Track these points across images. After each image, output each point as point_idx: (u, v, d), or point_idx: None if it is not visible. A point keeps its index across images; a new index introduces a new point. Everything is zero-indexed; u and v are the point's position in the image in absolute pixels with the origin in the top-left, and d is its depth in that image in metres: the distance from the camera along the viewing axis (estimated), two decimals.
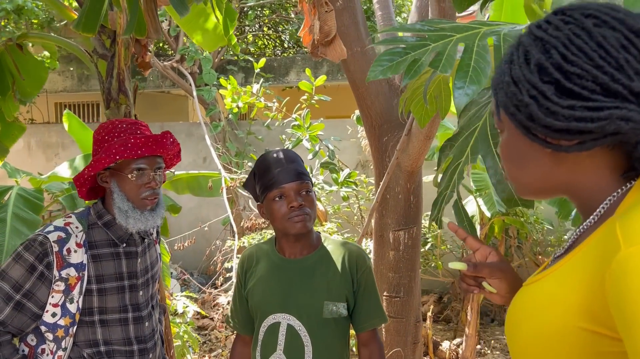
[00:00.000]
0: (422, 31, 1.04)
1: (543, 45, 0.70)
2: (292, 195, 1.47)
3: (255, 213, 5.12)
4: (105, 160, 1.49)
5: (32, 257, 1.44)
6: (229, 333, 4.95)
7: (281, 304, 1.50)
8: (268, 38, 9.72)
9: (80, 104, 10.07)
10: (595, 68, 0.66)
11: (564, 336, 0.66)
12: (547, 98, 0.68)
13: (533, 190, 0.80)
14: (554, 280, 0.71)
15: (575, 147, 0.69)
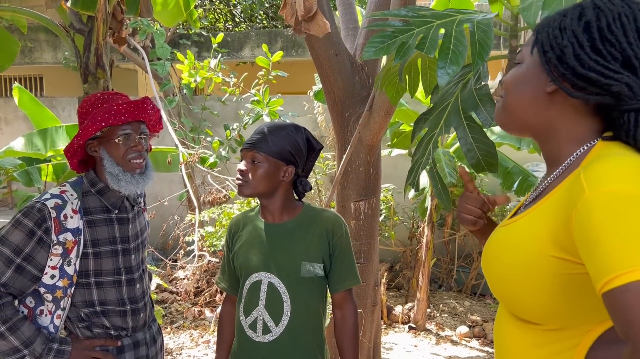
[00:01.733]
0: (407, 17, 1.18)
1: (597, 12, 0.85)
2: (243, 160, 1.63)
3: (215, 187, 5.17)
4: (92, 128, 1.56)
5: (30, 223, 1.51)
6: (189, 306, 5.04)
7: (263, 263, 1.62)
8: (219, 12, 9.59)
9: (23, 77, 9.67)
10: (626, 43, 0.82)
11: (538, 263, 0.84)
12: (582, 47, 0.84)
13: (516, 119, 0.96)
14: (529, 221, 0.89)
15: (578, 94, 0.85)
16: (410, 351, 4.31)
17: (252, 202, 4.73)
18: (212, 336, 4.52)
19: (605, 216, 0.72)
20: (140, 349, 1.71)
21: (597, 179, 0.76)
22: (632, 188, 0.73)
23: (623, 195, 0.73)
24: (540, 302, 0.86)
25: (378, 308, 3.39)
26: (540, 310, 0.87)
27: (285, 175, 1.62)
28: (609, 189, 0.74)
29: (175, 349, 4.30)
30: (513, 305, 0.92)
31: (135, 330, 1.70)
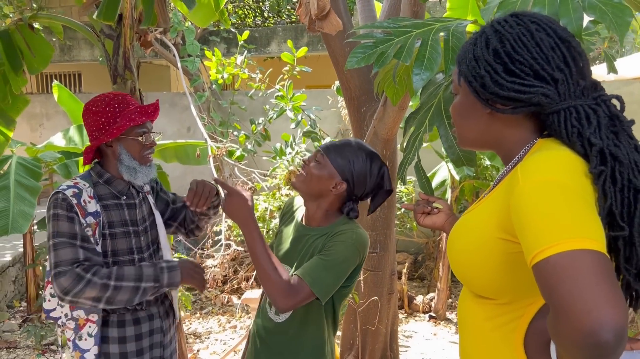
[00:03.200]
0: (389, 28, 1.30)
1: (500, 37, 0.98)
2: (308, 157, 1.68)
3: (242, 179, 5.36)
4: (120, 129, 1.76)
5: (63, 211, 1.71)
6: (218, 293, 5.26)
7: (286, 257, 1.71)
8: (248, 8, 9.77)
9: (63, 74, 10.07)
10: (532, 59, 0.95)
11: (488, 244, 0.98)
12: (497, 74, 0.97)
13: (471, 140, 1.10)
14: (481, 209, 1.04)
15: (509, 110, 0.98)
16: (429, 340, 4.42)
17: (277, 194, 4.90)
18: (239, 322, 4.73)
19: (531, 201, 0.85)
20: (154, 321, 1.89)
21: (530, 171, 0.88)
22: (553, 176, 0.86)
23: (546, 182, 0.85)
24: (490, 278, 0.99)
25: (394, 297, 3.51)
26: (491, 286, 1.00)
27: (336, 188, 1.60)
28: (536, 178, 0.87)
29: (204, 334, 4.52)
30: (469, 283, 1.05)
31: (149, 304, 1.88)
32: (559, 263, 0.78)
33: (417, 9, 2.38)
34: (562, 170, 0.87)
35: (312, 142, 4.95)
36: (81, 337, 1.77)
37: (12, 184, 3.57)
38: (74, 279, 1.64)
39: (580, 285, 0.75)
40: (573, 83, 0.95)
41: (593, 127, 0.92)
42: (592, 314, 0.73)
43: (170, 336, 1.98)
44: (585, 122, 0.92)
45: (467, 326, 1.09)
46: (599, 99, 0.95)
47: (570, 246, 0.78)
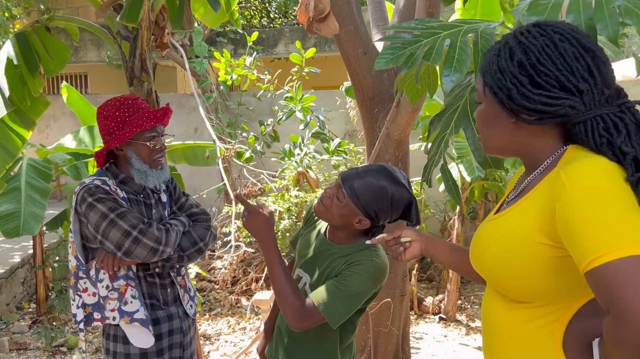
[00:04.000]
0: (416, 29, 1.30)
1: (524, 49, 0.99)
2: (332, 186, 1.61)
3: (251, 181, 5.36)
4: (128, 134, 1.78)
5: (103, 194, 1.75)
6: (227, 294, 5.26)
7: (306, 266, 1.71)
8: (255, 8, 9.78)
9: (69, 75, 10.09)
10: (557, 71, 0.96)
11: (526, 249, 0.98)
12: (524, 86, 0.98)
13: (496, 148, 1.10)
14: (515, 214, 1.03)
15: (535, 122, 1.00)
16: (440, 341, 4.41)
17: (285, 195, 4.90)
18: (248, 324, 4.72)
19: (583, 207, 0.86)
20: (174, 321, 1.90)
21: (575, 177, 0.89)
22: (603, 184, 0.87)
23: (597, 189, 0.87)
24: (529, 283, 0.99)
25: (407, 299, 3.50)
26: (529, 290, 1.00)
27: (360, 223, 1.57)
28: (585, 185, 0.88)
29: (214, 335, 4.52)
30: (505, 288, 1.04)
31: (167, 304, 1.88)
32: (620, 268, 0.80)
33: (432, 10, 2.38)
34: (607, 177, 0.89)
35: (321, 142, 4.95)
36: (126, 302, 1.80)
37: (23, 186, 3.58)
38: (159, 229, 1.77)
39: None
40: (598, 92, 0.96)
41: (623, 135, 0.93)
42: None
43: (190, 336, 1.98)
44: (614, 131, 0.94)
45: (498, 331, 1.08)
46: (624, 106, 0.96)
47: (628, 251, 0.81)
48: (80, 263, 1.82)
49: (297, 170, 4.94)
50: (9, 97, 2.29)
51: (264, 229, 1.53)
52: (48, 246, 5.16)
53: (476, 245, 1.11)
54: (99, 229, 1.73)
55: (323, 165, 5.49)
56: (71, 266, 1.84)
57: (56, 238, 5.49)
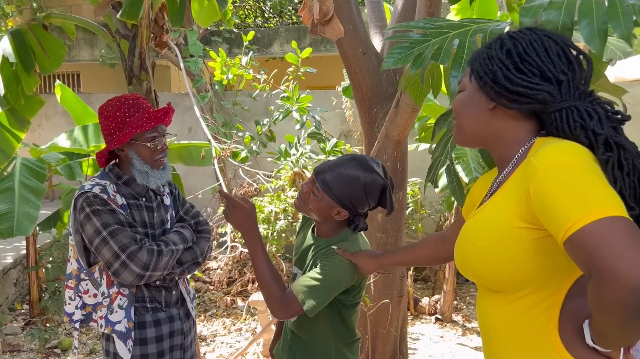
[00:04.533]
0: (425, 28, 1.28)
1: (514, 41, 1.08)
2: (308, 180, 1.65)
3: (246, 181, 5.33)
4: (128, 135, 1.75)
5: (101, 206, 1.72)
6: (222, 295, 5.23)
7: (299, 262, 1.74)
8: (249, 8, 9.75)
9: (61, 74, 10.01)
10: (540, 61, 1.04)
11: (507, 236, 1.01)
12: (508, 69, 1.06)
13: (471, 136, 1.15)
14: (492, 207, 1.07)
15: (514, 106, 1.06)
16: (436, 342, 4.40)
17: (282, 195, 4.88)
18: (244, 324, 4.70)
19: (555, 181, 0.91)
20: (175, 323, 1.88)
21: (545, 157, 0.95)
22: (570, 158, 0.93)
23: (565, 163, 0.93)
24: (514, 270, 1.01)
25: (405, 299, 3.49)
26: (515, 278, 1.02)
27: (338, 215, 1.60)
28: (553, 161, 0.94)
29: (209, 336, 4.49)
30: (492, 281, 1.07)
31: (169, 306, 1.86)
32: (594, 230, 0.85)
33: (433, 10, 2.37)
34: (576, 154, 0.94)
35: (317, 143, 4.93)
36: (112, 311, 1.78)
37: (17, 186, 3.53)
38: (149, 253, 1.71)
39: (619, 246, 0.82)
40: (574, 86, 1.04)
41: (595, 120, 1.00)
42: (635, 270, 0.79)
43: (190, 338, 1.96)
44: (586, 117, 1.01)
45: (495, 328, 1.10)
46: (595, 102, 1.04)
47: (601, 214, 0.85)
48: (81, 266, 1.80)
49: (293, 171, 4.91)
50: (3, 96, 2.26)
51: (246, 222, 1.56)
52: (41, 246, 5.11)
53: (459, 244, 1.14)
54: (92, 243, 1.74)
55: None
56: (72, 268, 1.82)
57: (49, 239, 5.44)
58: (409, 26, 1.36)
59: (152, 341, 1.81)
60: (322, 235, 1.71)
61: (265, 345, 4.01)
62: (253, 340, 3.60)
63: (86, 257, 1.81)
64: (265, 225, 4.71)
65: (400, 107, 2.93)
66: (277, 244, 4.74)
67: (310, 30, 2.38)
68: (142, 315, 1.81)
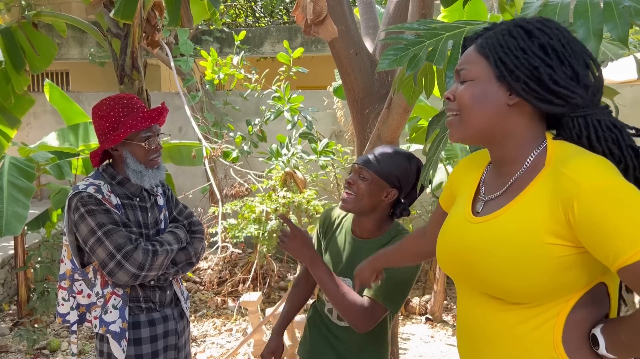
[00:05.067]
0: (419, 30, 1.29)
1: (543, 34, 0.99)
2: (352, 172, 1.69)
3: (237, 181, 5.32)
4: (122, 135, 1.74)
5: (95, 206, 1.71)
6: (212, 295, 5.21)
7: (345, 270, 1.72)
8: (240, 7, 9.73)
9: (50, 73, 9.92)
10: (576, 63, 0.99)
11: (535, 251, 0.96)
12: (551, 68, 0.98)
13: (477, 132, 1.04)
14: (514, 216, 1.00)
15: (546, 106, 0.99)
16: (427, 342, 4.42)
17: (273, 195, 4.87)
18: (235, 325, 4.68)
19: (612, 205, 0.88)
20: (169, 323, 1.87)
21: (588, 174, 0.91)
22: (617, 179, 0.90)
23: (616, 185, 0.89)
24: (536, 284, 0.97)
25: None
26: (534, 291, 0.98)
27: (388, 197, 1.66)
28: (602, 181, 0.90)
29: (199, 337, 4.47)
30: (505, 292, 1.01)
31: (163, 306, 1.86)
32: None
33: (425, 12, 2.38)
34: (616, 173, 0.92)
35: (308, 143, 4.93)
36: (107, 311, 1.77)
37: (6, 185, 3.50)
38: (144, 253, 1.71)
39: None
40: (595, 92, 1.00)
41: (625, 133, 0.98)
42: None
43: (184, 338, 1.95)
44: (615, 130, 0.99)
45: (489, 336, 1.06)
46: (606, 111, 1.01)
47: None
48: (75, 266, 1.79)
49: (285, 171, 4.91)
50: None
51: (304, 249, 1.61)
52: (29, 246, 5.06)
53: (466, 248, 1.07)
54: (87, 243, 1.73)
55: (310, 165, 5.47)
56: (66, 269, 1.80)
57: (38, 239, 5.39)
58: (402, 28, 1.37)
59: (146, 341, 1.80)
60: (367, 236, 1.72)
61: (256, 346, 4.00)
62: (244, 341, 3.59)
63: (80, 257, 1.80)
64: (256, 225, 4.70)
65: (392, 107, 2.94)
66: (268, 244, 4.73)
67: (303, 30, 2.38)
68: (136, 315, 1.81)
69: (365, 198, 1.64)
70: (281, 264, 5.68)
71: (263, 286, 5.10)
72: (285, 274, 5.55)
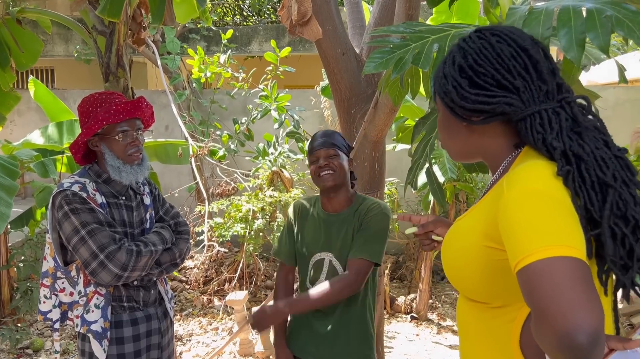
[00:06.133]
0: (405, 33, 1.30)
1: (463, 53, 1.03)
2: (319, 158, 1.89)
3: (224, 180, 5.30)
4: (95, 127, 1.75)
5: (80, 205, 1.70)
6: (198, 294, 5.19)
7: (325, 245, 1.92)
8: (228, 6, 9.69)
9: (35, 70, 9.80)
10: (494, 70, 0.99)
11: (475, 251, 1.01)
12: (463, 88, 1.01)
13: (459, 153, 1.13)
14: (470, 217, 1.07)
15: (480, 121, 1.02)
16: (412, 340, 4.45)
17: (259, 194, 4.87)
18: (221, 324, 4.68)
19: (515, 210, 0.89)
20: (152, 322, 1.87)
21: (512, 182, 0.93)
22: (536, 185, 0.90)
23: (528, 191, 0.90)
24: (479, 284, 1.02)
25: (381, 298, 3.51)
26: (481, 290, 1.03)
27: (350, 165, 1.92)
28: (519, 188, 0.91)
29: (185, 336, 4.46)
30: (462, 287, 1.08)
31: (147, 305, 1.85)
32: (538, 269, 0.82)
33: (412, 13, 2.39)
34: (543, 180, 0.91)
35: (295, 142, 4.93)
36: (88, 310, 1.76)
37: None
38: (127, 254, 1.69)
39: (557, 289, 0.79)
40: (535, 88, 0.99)
41: (555, 131, 0.95)
42: (567, 317, 0.77)
43: (168, 337, 1.95)
44: (547, 127, 0.96)
45: (464, 328, 1.12)
46: (563, 101, 0.99)
47: (548, 253, 0.82)
48: (58, 264, 1.77)
49: (271, 170, 4.91)
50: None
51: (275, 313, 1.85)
52: (13, 245, 5.00)
53: (444, 243, 1.14)
54: (70, 242, 1.72)
55: (297, 164, 5.47)
56: (48, 266, 1.79)
57: (21, 237, 5.32)
58: (388, 30, 1.38)
59: (129, 340, 1.80)
60: (340, 208, 1.93)
61: (242, 344, 4.00)
62: (230, 340, 3.59)
63: (63, 255, 1.79)
64: (242, 224, 4.69)
65: (378, 107, 2.95)
66: (254, 243, 4.73)
67: (288, 30, 2.38)
68: (119, 314, 1.80)
69: (343, 169, 1.87)
70: (267, 263, 5.68)
71: (249, 285, 5.09)
72: (272, 273, 5.55)
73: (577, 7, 1.13)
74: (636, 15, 1.09)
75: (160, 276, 1.88)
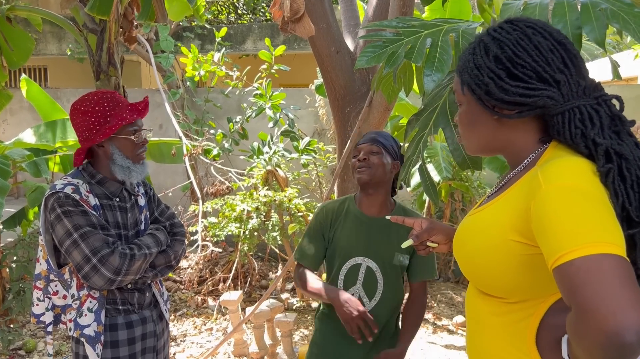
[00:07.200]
0: (398, 27, 1.28)
1: (499, 44, 1.00)
2: (361, 152, 1.88)
3: (218, 179, 5.28)
4: (114, 127, 1.71)
5: (72, 207, 1.66)
6: (193, 294, 5.17)
7: (363, 250, 1.88)
8: (222, 4, 9.66)
9: (28, 68, 9.75)
10: (533, 62, 0.97)
11: (500, 246, 0.98)
12: (501, 79, 0.98)
13: (480, 147, 1.11)
14: (493, 210, 1.04)
15: (515, 115, 1.00)
16: None
17: (254, 194, 4.84)
18: (215, 324, 4.65)
19: (555, 204, 0.87)
20: (148, 325, 1.84)
21: (551, 176, 0.91)
22: (578, 182, 0.88)
23: (570, 188, 0.88)
24: (503, 279, 1.00)
25: None
26: (503, 286, 1.01)
27: (394, 168, 1.87)
28: (559, 183, 0.89)
29: (179, 336, 4.43)
30: (479, 282, 1.06)
31: (142, 308, 1.83)
32: (584, 265, 0.80)
33: (406, 10, 2.38)
34: (582, 176, 0.90)
35: (290, 141, 4.92)
36: (82, 314, 1.73)
37: None
38: (121, 257, 1.67)
39: (605, 287, 0.78)
40: (574, 83, 0.98)
41: (597, 127, 0.94)
42: (616, 316, 0.76)
43: (163, 340, 1.92)
44: (588, 123, 0.95)
45: (476, 322, 1.10)
46: (600, 99, 0.97)
47: (594, 250, 0.81)
48: (51, 266, 1.75)
49: (266, 169, 4.89)
50: None
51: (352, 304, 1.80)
52: (5, 245, 4.96)
53: (457, 239, 1.12)
54: (62, 245, 1.69)
55: (292, 163, 5.45)
56: (41, 269, 1.76)
57: (14, 237, 5.28)
58: (381, 25, 1.36)
59: (124, 343, 1.77)
60: (377, 212, 1.90)
61: (236, 345, 3.98)
62: (224, 340, 3.57)
63: (56, 258, 1.76)
64: (237, 223, 4.67)
65: (372, 106, 2.94)
66: (249, 243, 4.71)
67: (280, 27, 2.37)
68: (113, 317, 1.77)
69: (380, 168, 1.83)
70: (262, 263, 5.66)
71: (244, 285, 5.07)
72: (267, 273, 5.53)
73: (571, 1, 1.12)
74: (631, 7, 1.08)
75: (154, 278, 1.85)
